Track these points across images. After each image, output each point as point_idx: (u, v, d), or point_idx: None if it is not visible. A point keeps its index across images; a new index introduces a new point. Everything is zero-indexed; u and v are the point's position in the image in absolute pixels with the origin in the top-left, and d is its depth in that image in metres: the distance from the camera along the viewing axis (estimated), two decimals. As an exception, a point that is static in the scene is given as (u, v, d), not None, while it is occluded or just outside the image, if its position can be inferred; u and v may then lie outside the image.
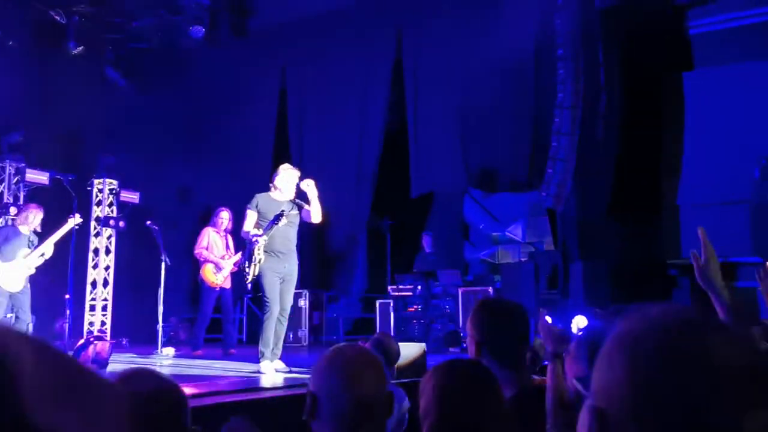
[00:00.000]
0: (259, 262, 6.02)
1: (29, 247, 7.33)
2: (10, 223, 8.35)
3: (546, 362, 3.05)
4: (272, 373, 5.80)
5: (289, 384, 5.20)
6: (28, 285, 7.35)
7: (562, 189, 8.75)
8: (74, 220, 7.43)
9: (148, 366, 6.08)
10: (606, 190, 8.51)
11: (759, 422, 0.74)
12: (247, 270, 6.12)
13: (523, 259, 9.27)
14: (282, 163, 6.69)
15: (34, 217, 7.44)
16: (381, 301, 9.10)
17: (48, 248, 7.38)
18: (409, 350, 5.52)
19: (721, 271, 2.22)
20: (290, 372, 5.84)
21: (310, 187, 6.11)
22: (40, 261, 7.37)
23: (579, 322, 6.08)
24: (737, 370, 0.77)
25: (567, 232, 8.61)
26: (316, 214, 6.18)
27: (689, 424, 0.75)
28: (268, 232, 6.03)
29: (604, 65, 8.72)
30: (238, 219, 7.62)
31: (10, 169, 9.54)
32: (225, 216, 8.37)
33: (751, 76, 8.36)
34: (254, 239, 6.02)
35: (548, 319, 2.65)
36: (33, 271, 7.35)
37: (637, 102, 8.67)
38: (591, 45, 8.75)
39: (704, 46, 8.80)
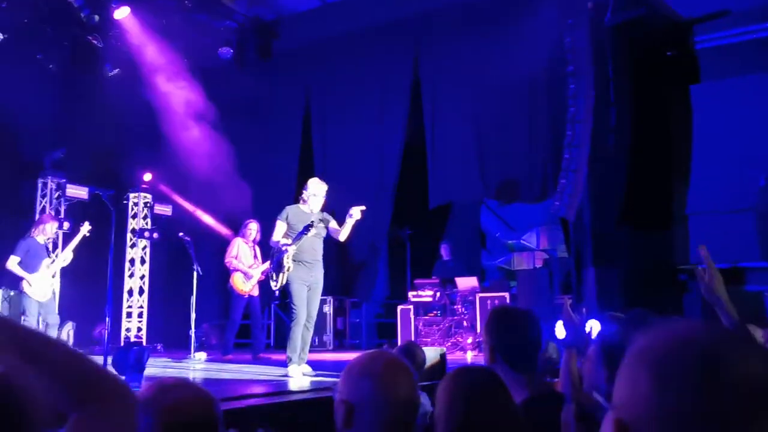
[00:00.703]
0: (288, 270, 6.04)
1: (49, 256, 7.43)
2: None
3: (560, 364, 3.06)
4: (299, 376, 5.79)
5: (316, 387, 5.19)
6: (54, 293, 7.39)
7: (575, 199, 8.72)
8: (85, 228, 7.50)
9: (182, 375, 6.12)
10: (617, 200, 8.46)
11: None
12: (275, 278, 6.14)
13: (537, 266, 9.24)
14: (306, 176, 6.72)
15: (51, 227, 7.55)
16: (402, 306, 9.10)
17: (67, 256, 7.46)
18: (429, 354, 5.53)
19: (724, 283, 2.24)
20: (316, 376, 5.83)
21: (355, 213, 6.02)
22: (58, 266, 7.44)
23: (593, 327, 6.03)
24: (759, 385, 0.76)
25: (580, 240, 8.56)
26: (344, 235, 6.16)
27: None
28: (297, 242, 6.03)
29: (613, 80, 8.69)
30: (266, 230, 7.67)
31: (51, 184, 9.68)
32: (253, 227, 8.41)
33: (756, 88, 8.31)
34: (284, 248, 6.03)
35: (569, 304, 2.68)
36: (57, 278, 7.41)
37: (646, 115, 8.63)
38: (601, 61, 8.72)
39: (711, 60, 8.76)
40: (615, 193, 8.47)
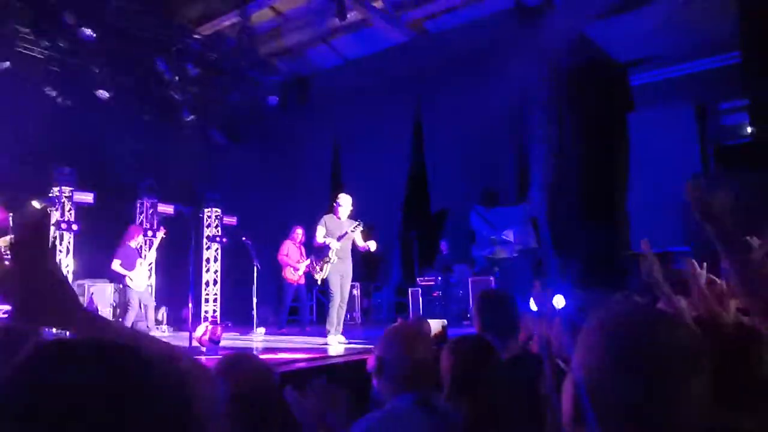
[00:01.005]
0: (332, 261, 6.15)
1: (141, 257, 7.61)
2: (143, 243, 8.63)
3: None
4: (336, 344, 5.90)
5: (348, 353, 5.24)
6: (151, 284, 7.57)
7: (542, 203, 8.82)
8: (161, 233, 7.68)
9: (246, 346, 6.22)
10: (573, 203, 8.52)
11: (698, 386, 0.77)
12: (320, 269, 6.24)
13: (515, 255, 9.27)
14: (336, 193, 6.82)
15: (139, 235, 7.73)
16: (412, 289, 9.13)
17: (152, 256, 7.64)
18: (434, 325, 5.58)
19: (661, 268, 2.29)
20: (349, 343, 5.92)
21: (372, 246, 6.36)
22: (148, 266, 7.61)
23: (558, 301, 6.07)
24: (681, 350, 0.79)
25: (545, 235, 8.63)
26: (364, 248, 6.39)
27: (649, 388, 0.77)
28: (340, 242, 6.18)
29: (569, 110, 8.75)
30: (308, 233, 7.80)
31: (146, 204, 9.87)
32: (299, 231, 8.52)
33: (676, 114, 8.38)
34: (329, 244, 6.15)
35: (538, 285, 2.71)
36: (149, 273, 7.57)
37: (594, 136, 8.68)
38: (559, 95, 8.79)
39: (643, 93, 8.83)
40: (571, 197, 8.54)
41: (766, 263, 1.25)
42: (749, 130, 7.75)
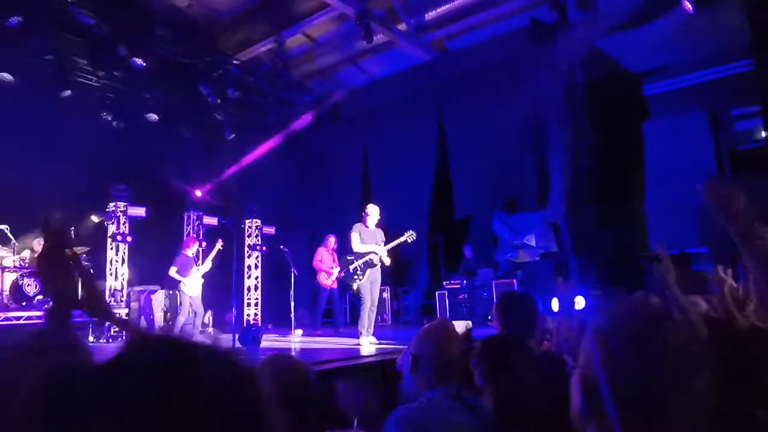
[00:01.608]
0: (377, 266, 6.20)
1: (197, 265, 7.72)
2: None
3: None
4: (367, 345, 5.89)
5: (379, 353, 5.23)
6: (200, 290, 7.67)
7: (561, 208, 8.68)
8: (218, 245, 7.79)
9: (281, 346, 6.26)
10: (591, 207, 8.38)
11: (700, 382, 0.76)
12: (360, 277, 6.23)
13: (536, 259, 9.16)
14: (366, 202, 6.85)
15: (194, 245, 7.86)
16: (439, 292, 9.13)
17: (207, 264, 7.73)
18: (459, 326, 5.54)
19: (675, 273, 2.24)
20: (380, 344, 5.89)
21: (387, 262, 6.36)
22: (204, 272, 7.71)
23: (579, 301, 5.95)
24: (682, 348, 0.78)
25: (565, 239, 8.49)
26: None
27: (650, 384, 0.76)
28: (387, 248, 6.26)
29: (585, 120, 8.62)
30: (340, 241, 7.84)
31: (193, 216, 10.06)
32: (332, 240, 8.58)
33: (690, 121, 8.19)
34: (378, 251, 6.20)
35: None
36: (202, 280, 7.68)
37: (610, 144, 8.52)
38: (575, 106, 8.66)
39: (656, 102, 8.66)
40: (589, 202, 8.39)
41: None
42: (763, 134, 7.53)
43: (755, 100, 7.00)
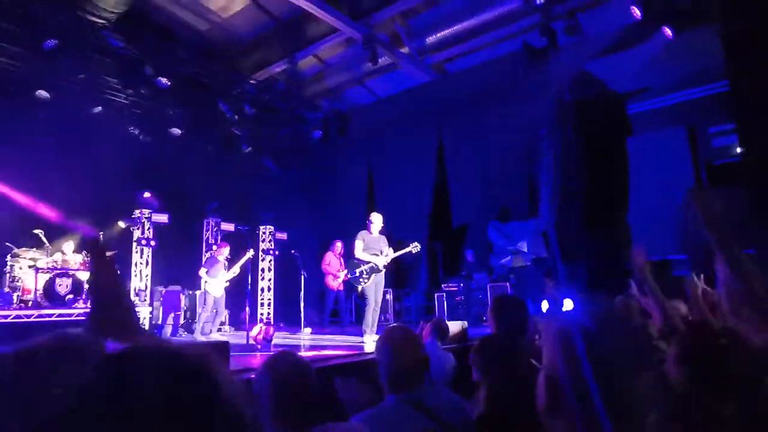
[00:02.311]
0: (383, 271, 6.20)
1: (224, 269, 7.71)
2: (209, 255, 8.79)
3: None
4: (371, 342, 5.87)
5: None
6: (224, 291, 7.70)
7: (551, 218, 8.64)
8: (250, 253, 7.77)
9: (291, 343, 6.25)
10: (579, 217, 8.33)
11: (646, 378, 0.78)
12: (366, 280, 6.20)
13: (528, 264, 9.14)
14: (371, 211, 6.85)
15: (225, 250, 7.86)
16: (437, 294, 9.11)
17: (236, 269, 7.73)
18: (456, 326, 5.54)
19: (652, 276, 2.22)
20: None
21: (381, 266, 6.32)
22: (231, 277, 7.73)
23: (567, 304, 5.93)
24: (626, 348, 0.79)
25: (554, 245, 8.45)
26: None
27: (600, 382, 0.76)
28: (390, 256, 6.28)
29: (573, 136, 8.60)
30: (347, 246, 7.83)
31: (211, 223, 10.08)
32: (339, 245, 8.60)
33: (670, 138, 8.17)
34: (372, 263, 6.18)
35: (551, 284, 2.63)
36: (228, 283, 7.70)
37: (597, 159, 8.50)
38: (564, 124, 8.64)
39: (639, 120, 8.63)
40: (577, 213, 8.36)
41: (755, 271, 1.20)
42: (738, 150, 7.49)
43: (731, 118, 6.98)
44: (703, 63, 6.84)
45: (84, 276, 7.56)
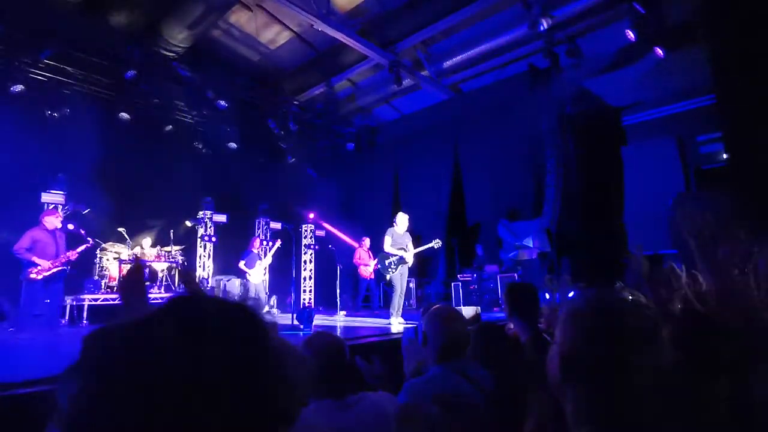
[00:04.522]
0: (410, 264, 6.15)
1: (260, 259, 7.82)
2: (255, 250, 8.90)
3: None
4: (397, 324, 5.85)
5: (406, 331, 5.18)
6: (265, 279, 7.74)
7: (554, 217, 8.48)
8: (278, 243, 7.85)
9: (329, 324, 6.28)
10: (579, 217, 8.17)
11: (644, 357, 0.74)
12: (394, 270, 6.18)
13: (534, 257, 8.96)
14: (397, 211, 6.83)
15: (257, 243, 7.99)
16: (454, 283, 9.00)
17: (269, 259, 7.81)
18: (471, 310, 5.45)
19: (648, 268, 2.14)
20: (407, 323, 5.83)
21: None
22: (266, 264, 7.79)
23: (568, 293, 5.78)
24: (633, 329, 0.76)
25: (557, 241, 8.29)
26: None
27: (609, 358, 0.75)
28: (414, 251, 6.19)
29: (574, 146, 8.43)
30: (374, 242, 7.81)
31: (262, 222, 10.22)
32: (367, 241, 8.61)
33: (661, 146, 7.90)
34: (399, 256, 6.14)
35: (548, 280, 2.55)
36: (266, 270, 7.75)
37: (595, 166, 8.32)
38: (566, 135, 8.49)
39: (633, 131, 8.38)
40: (577, 212, 8.19)
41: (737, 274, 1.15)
42: (724, 156, 7.19)
43: (717, 127, 6.69)
44: (692, 79, 6.58)
45: (159, 267, 7.77)
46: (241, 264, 7.61)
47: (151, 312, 0.50)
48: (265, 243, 9.25)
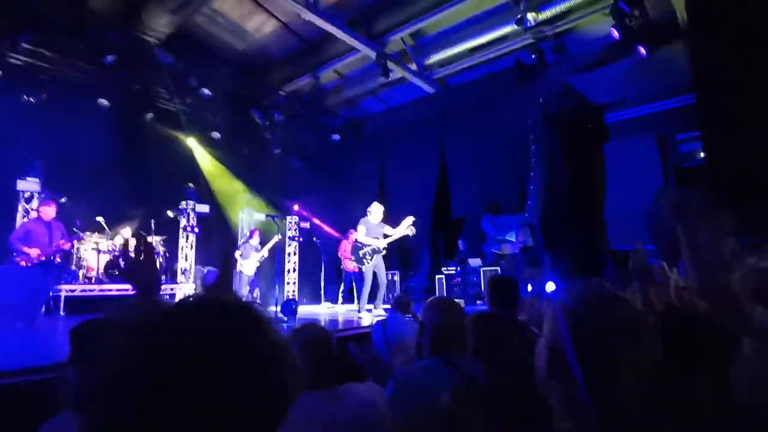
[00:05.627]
0: (383, 253, 6.07)
1: (256, 251, 7.73)
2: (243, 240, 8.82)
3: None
4: (367, 317, 5.77)
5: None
6: (256, 271, 7.70)
7: (536, 212, 8.59)
8: (277, 237, 7.76)
9: (316, 316, 6.27)
10: (561, 212, 8.27)
11: (630, 351, 0.74)
12: (370, 261, 6.14)
13: (516, 251, 9.07)
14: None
15: (256, 235, 7.87)
16: (438, 276, 9.06)
17: (265, 252, 7.73)
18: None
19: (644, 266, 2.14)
20: (378, 318, 5.83)
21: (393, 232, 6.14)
22: (261, 258, 7.73)
23: (550, 286, 5.87)
24: (620, 322, 0.76)
25: (539, 236, 8.40)
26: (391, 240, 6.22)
27: (592, 349, 0.75)
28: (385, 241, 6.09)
29: (557, 142, 8.52)
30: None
31: (246, 213, 10.07)
32: (353, 233, 8.53)
33: (642, 144, 8.05)
34: (374, 246, 6.07)
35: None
36: (259, 264, 7.70)
37: (577, 162, 8.43)
38: (550, 131, 8.57)
39: (615, 128, 8.51)
40: (559, 207, 8.29)
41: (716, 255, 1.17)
42: (702, 155, 7.36)
43: (696, 127, 6.84)
44: (673, 78, 6.71)
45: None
46: (237, 254, 7.52)
47: (162, 307, 0.52)
48: (258, 235, 9.15)
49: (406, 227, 6.17)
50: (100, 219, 7.64)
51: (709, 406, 0.81)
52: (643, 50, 6.58)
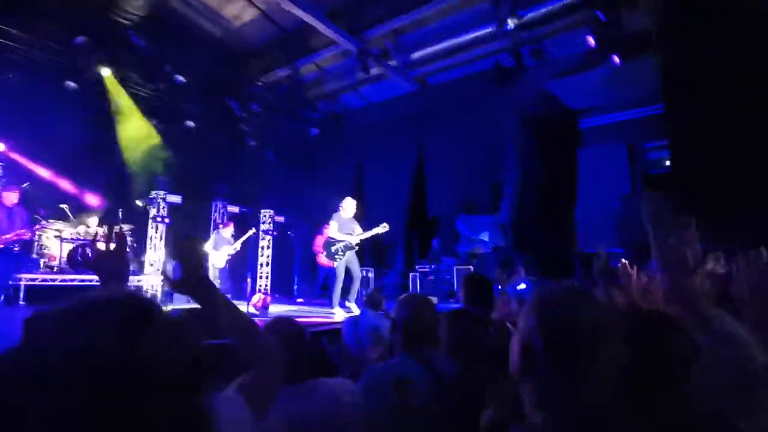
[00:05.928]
0: (355, 249, 6.03)
1: (228, 244, 7.60)
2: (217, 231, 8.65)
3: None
4: (340, 313, 5.78)
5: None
6: (226, 264, 7.57)
7: (510, 213, 8.73)
8: (251, 231, 7.65)
9: (288, 311, 6.20)
10: (533, 213, 8.44)
11: (600, 348, 0.76)
12: (341, 257, 6.09)
13: (489, 251, 9.20)
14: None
15: (230, 228, 7.73)
16: (412, 274, 9.10)
17: (238, 245, 7.61)
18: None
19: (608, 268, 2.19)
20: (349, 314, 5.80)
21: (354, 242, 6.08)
22: (233, 251, 7.61)
23: (521, 286, 5.96)
24: (589, 321, 0.78)
25: (511, 237, 8.54)
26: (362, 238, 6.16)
27: (567, 348, 0.77)
28: (357, 237, 6.02)
29: (532, 145, 8.67)
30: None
31: (219, 205, 9.91)
32: (327, 228, 8.49)
33: (613, 150, 8.29)
34: (347, 241, 6.02)
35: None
36: (229, 257, 7.57)
37: (551, 165, 8.60)
38: (525, 134, 8.71)
39: (588, 134, 8.74)
40: (532, 209, 8.45)
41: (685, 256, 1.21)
42: (668, 163, 7.64)
43: (664, 136, 7.10)
44: (644, 88, 6.93)
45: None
46: (208, 245, 7.36)
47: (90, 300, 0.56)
48: (231, 227, 8.97)
49: (380, 229, 6.16)
50: (64, 206, 7.35)
51: (671, 404, 0.83)
52: (617, 59, 6.77)
